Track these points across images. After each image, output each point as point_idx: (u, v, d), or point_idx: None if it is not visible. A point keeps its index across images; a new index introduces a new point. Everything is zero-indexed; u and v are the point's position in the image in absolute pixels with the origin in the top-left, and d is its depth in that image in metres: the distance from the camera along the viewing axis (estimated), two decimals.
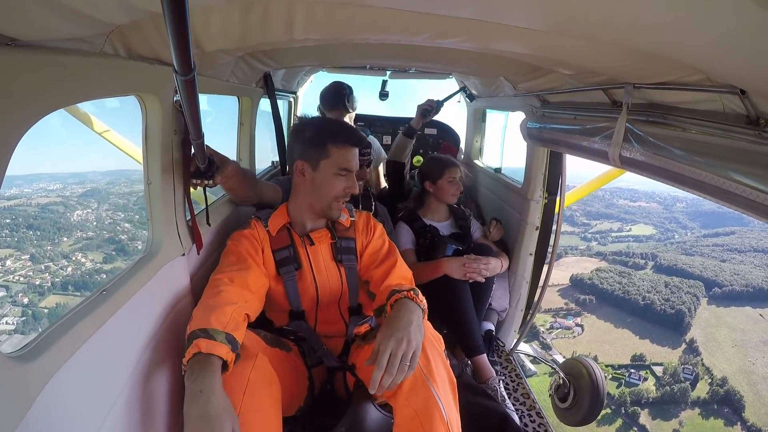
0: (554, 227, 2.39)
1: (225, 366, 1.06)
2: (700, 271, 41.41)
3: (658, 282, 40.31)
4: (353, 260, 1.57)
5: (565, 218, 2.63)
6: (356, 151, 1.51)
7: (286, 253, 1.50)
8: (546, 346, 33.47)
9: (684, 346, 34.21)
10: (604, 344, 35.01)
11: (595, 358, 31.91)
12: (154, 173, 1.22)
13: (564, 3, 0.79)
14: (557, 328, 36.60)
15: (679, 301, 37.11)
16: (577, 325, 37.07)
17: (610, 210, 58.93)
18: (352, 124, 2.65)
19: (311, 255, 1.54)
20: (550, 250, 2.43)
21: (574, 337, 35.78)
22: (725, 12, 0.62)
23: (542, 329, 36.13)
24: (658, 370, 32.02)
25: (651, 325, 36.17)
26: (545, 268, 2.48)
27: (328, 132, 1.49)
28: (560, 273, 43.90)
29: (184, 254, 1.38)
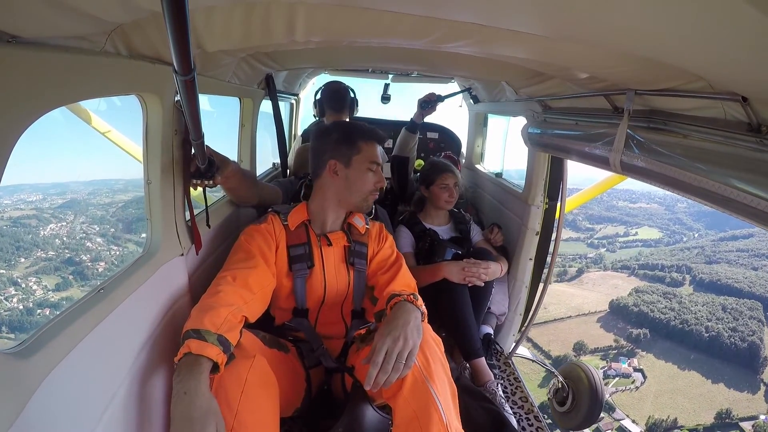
0: (554, 233, 2.39)
1: (216, 367, 1.06)
2: (749, 287, 34.54)
3: (714, 305, 33.32)
4: (363, 264, 1.59)
5: (568, 223, 2.60)
6: (380, 148, 1.58)
7: (302, 250, 1.52)
8: (607, 407, 24.97)
9: (764, 388, 28.16)
10: (676, 396, 28.21)
11: (675, 422, 26.51)
12: (154, 173, 1.21)
13: (567, 9, 0.80)
14: (613, 377, 28.97)
15: (747, 330, 30.59)
16: (635, 369, 30.04)
17: (611, 213, 56.53)
18: None
19: (324, 255, 1.55)
20: (549, 256, 2.43)
21: (637, 388, 28.87)
22: (727, 19, 0.62)
23: None
24: (747, 427, 26.11)
25: (720, 362, 29.74)
26: (545, 275, 2.48)
27: (357, 130, 1.56)
28: (592, 295, 36.48)
29: (182, 254, 1.38)
